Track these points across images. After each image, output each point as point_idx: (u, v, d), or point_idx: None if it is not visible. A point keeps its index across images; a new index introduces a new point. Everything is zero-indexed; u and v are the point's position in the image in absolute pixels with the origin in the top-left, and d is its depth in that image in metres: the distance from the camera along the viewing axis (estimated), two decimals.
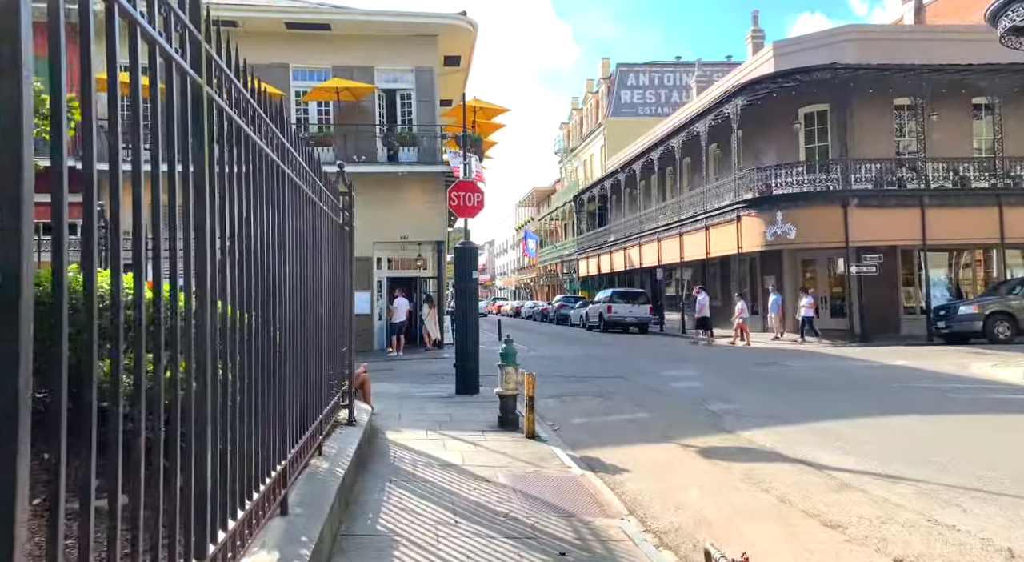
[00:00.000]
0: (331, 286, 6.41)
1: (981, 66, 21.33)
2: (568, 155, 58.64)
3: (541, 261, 58.53)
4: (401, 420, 9.04)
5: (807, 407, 9.68)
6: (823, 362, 15.84)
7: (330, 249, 6.50)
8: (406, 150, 21.32)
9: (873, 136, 22.69)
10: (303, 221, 5.06)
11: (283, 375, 4.23)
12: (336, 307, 6.71)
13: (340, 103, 21.10)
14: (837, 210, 21.20)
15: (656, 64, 50.32)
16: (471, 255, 11.34)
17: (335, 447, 5.95)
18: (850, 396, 10.72)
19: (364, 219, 21.25)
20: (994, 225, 21.28)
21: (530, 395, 8.06)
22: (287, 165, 4.18)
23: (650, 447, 7.81)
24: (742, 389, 11.60)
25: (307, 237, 5.26)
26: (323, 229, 6.03)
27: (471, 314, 11.34)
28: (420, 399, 10.99)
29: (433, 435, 8.05)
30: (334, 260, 6.62)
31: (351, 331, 7.28)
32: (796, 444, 7.50)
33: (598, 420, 9.47)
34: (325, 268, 6.10)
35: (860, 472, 6.33)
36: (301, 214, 4.95)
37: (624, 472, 6.82)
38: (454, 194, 11.37)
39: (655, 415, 9.56)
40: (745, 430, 8.32)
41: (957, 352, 17.26)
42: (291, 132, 4.28)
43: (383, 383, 13.37)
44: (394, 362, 18.26)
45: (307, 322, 5.11)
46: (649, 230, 31.74)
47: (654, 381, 12.96)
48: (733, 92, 23.32)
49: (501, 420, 8.56)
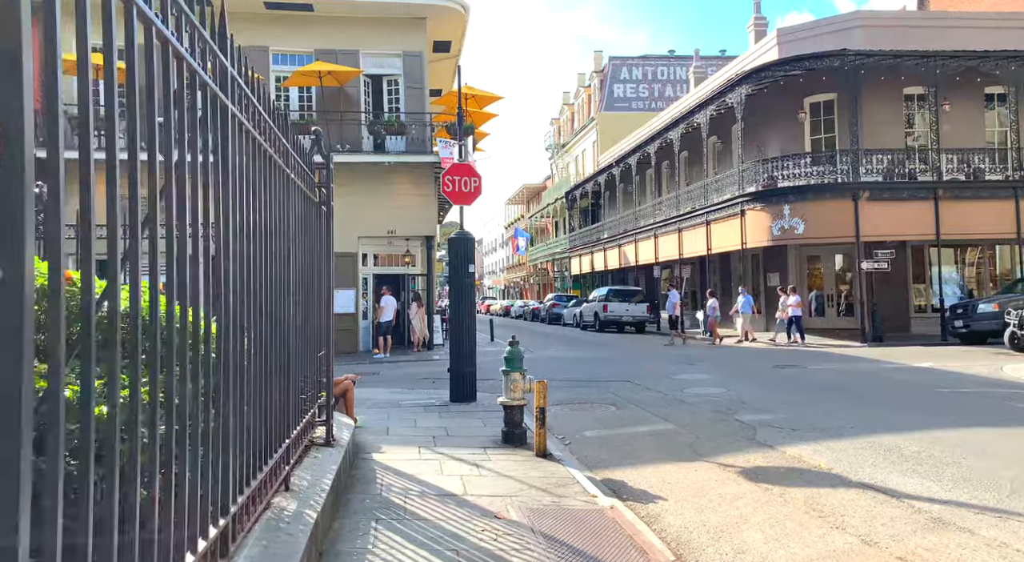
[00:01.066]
0: (304, 278, 5.22)
1: (998, 52, 20.41)
2: (559, 151, 57.51)
3: (531, 259, 57.37)
4: (389, 434, 7.84)
5: (851, 417, 8.57)
6: (843, 364, 14.78)
7: (303, 232, 5.31)
8: (393, 139, 20.08)
9: (882, 127, 21.72)
10: (264, 188, 3.88)
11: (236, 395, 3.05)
12: (311, 304, 5.52)
13: (323, 89, 19.83)
14: (847, 203, 20.19)
15: (650, 58, 49.25)
16: (467, 246, 10.15)
17: (307, 477, 4.75)
18: (893, 404, 9.62)
19: (349, 212, 20.02)
20: (1010, 220, 20.36)
21: (541, 406, 6.88)
22: (231, 99, 2.97)
23: (682, 467, 6.66)
24: (769, 395, 10.48)
25: (270, 211, 4.08)
26: (293, 205, 4.84)
27: (467, 313, 10.15)
28: (410, 408, 9.79)
29: (427, 454, 6.85)
30: (308, 246, 5.43)
31: (330, 332, 6.08)
32: (855, 464, 6.38)
33: (614, 432, 8.32)
34: (296, 255, 4.91)
35: (950, 503, 5.21)
36: (260, 178, 3.77)
37: (659, 500, 5.67)
38: (448, 179, 10.17)
39: (679, 426, 8.42)
40: (788, 445, 7.19)
41: (981, 353, 16.28)
42: (235, 48, 3.07)
43: (369, 389, 12.16)
44: (381, 365, 17.03)
45: (270, 324, 3.93)
46: (646, 226, 30.67)
47: (667, 385, 11.82)
48: (737, 80, 22.25)
49: (506, 435, 7.38)
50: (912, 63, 20.50)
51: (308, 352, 5.40)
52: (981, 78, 21.13)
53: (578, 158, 51.80)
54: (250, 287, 3.42)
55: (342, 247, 19.78)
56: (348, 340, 19.65)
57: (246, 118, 3.25)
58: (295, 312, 4.84)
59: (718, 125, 25.33)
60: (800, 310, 20.96)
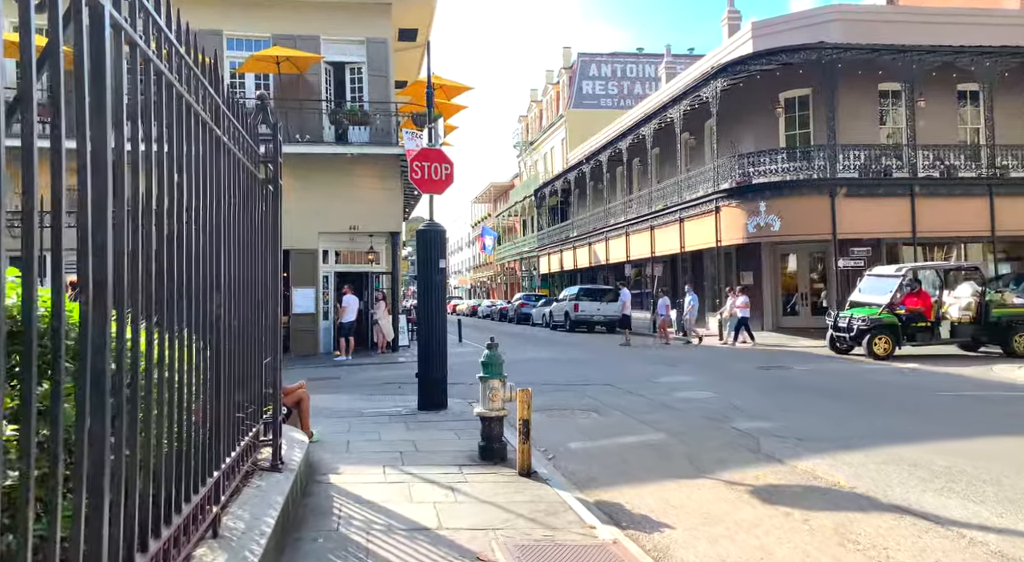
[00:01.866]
0: (244, 270, 4.29)
1: (972, 48, 20.21)
2: (527, 149, 56.74)
3: (499, 258, 56.52)
4: (349, 451, 6.91)
5: (858, 424, 7.89)
6: (826, 365, 14.24)
7: (243, 215, 4.38)
8: (356, 129, 19.04)
9: (857, 123, 21.37)
10: (185, 153, 2.97)
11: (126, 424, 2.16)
12: (253, 301, 4.59)
13: (281, 76, 18.69)
14: (824, 200, 19.77)
15: (619, 55, 48.77)
16: (437, 239, 9.24)
17: (245, 516, 3.82)
18: (897, 410, 8.99)
19: (309, 206, 18.91)
20: (984, 217, 20.16)
21: (524, 418, 6.02)
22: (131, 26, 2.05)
23: (684, 485, 5.87)
24: (761, 399, 9.79)
25: (194, 184, 3.17)
26: (229, 180, 3.92)
27: (437, 312, 9.25)
28: (374, 418, 8.85)
29: (394, 475, 5.95)
30: (250, 232, 4.50)
31: (277, 334, 5.14)
32: (880, 481, 5.66)
33: (602, 444, 7.51)
34: (233, 242, 3.99)
35: (1007, 531, 4.49)
36: (179, 139, 2.86)
37: (665, 529, 4.86)
38: (417, 165, 9.25)
39: (671, 436, 7.64)
40: (799, 459, 6.45)
41: (962, 352, 15.90)
42: None
43: (328, 395, 11.18)
44: (342, 368, 16.01)
45: (192, 326, 3.04)
46: (616, 224, 30.05)
47: (651, 389, 11.07)
48: (713, 73, 21.71)
49: (484, 450, 6.50)
50: (889, 57, 20.18)
51: (249, 359, 4.47)
52: (956, 74, 20.92)
53: (546, 156, 51.11)
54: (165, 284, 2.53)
55: (301, 243, 18.70)
56: (308, 342, 18.58)
57: (141, 38, 2.32)
58: (231, 311, 3.91)
59: (691, 121, 24.80)
60: (747, 310, 20.55)
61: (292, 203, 18.88)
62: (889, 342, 15.17)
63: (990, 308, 15.48)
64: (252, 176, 4.63)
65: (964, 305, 16.05)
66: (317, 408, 9.41)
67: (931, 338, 15.57)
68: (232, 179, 4.01)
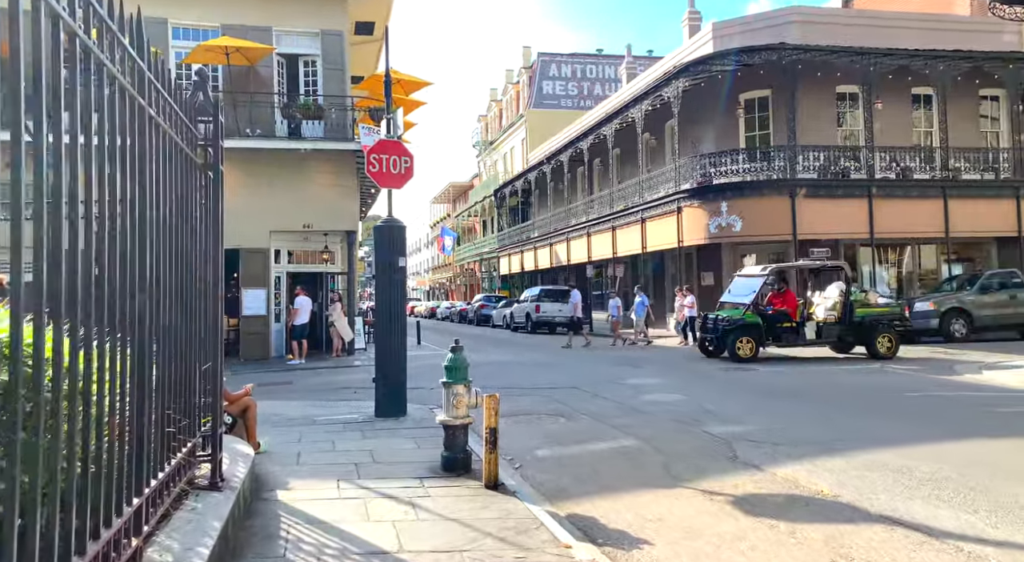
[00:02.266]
0: (179, 267, 3.80)
1: (927, 51, 20.53)
2: (487, 149, 56.30)
3: (458, 259, 55.95)
4: (300, 463, 6.39)
5: (832, 428, 7.67)
6: (791, 366, 14.15)
7: (180, 203, 3.88)
8: (310, 124, 18.37)
9: (816, 124, 21.52)
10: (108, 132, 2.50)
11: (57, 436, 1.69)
12: (191, 302, 4.08)
13: (231, 68, 17.91)
14: (785, 201, 19.83)
15: (578, 55, 48.70)
16: (397, 236, 8.76)
17: (175, 546, 3.33)
18: (870, 411, 8.83)
19: (260, 204, 18.16)
20: (939, 219, 20.48)
21: (492, 426, 5.61)
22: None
23: (661, 496, 5.53)
24: (731, 402, 9.54)
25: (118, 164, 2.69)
26: (160, 161, 3.43)
27: (397, 314, 8.77)
28: (328, 426, 8.33)
29: (349, 490, 5.46)
30: (186, 223, 4.00)
31: (218, 337, 4.63)
32: (864, 489, 5.40)
33: (571, 451, 7.13)
34: (165, 234, 3.50)
35: (1007, 544, 4.24)
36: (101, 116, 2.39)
37: (644, 546, 4.49)
38: (375, 157, 8.74)
39: (643, 442, 7.30)
40: (778, 465, 6.17)
41: (923, 351, 16.01)
42: None
43: (279, 401, 10.61)
44: (295, 372, 15.37)
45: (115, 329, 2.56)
46: (578, 225, 29.85)
47: (618, 392, 10.75)
48: (675, 73, 21.63)
49: (447, 461, 6.06)
50: (847, 59, 20.36)
51: (183, 366, 3.96)
52: (911, 77, 21.22)
53: (506, 156, 50.75)
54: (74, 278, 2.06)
55: (252, 242, 17.95)
56: (259, 345, 17.85)
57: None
58: (160, 313, 3.42)
59: (652, 121, 24.72)
60: (695, 310, 20.56)
61: (242, 200, 18.15)
62: (752, 343, 14.85)
63: (854, 308, 15.09)
64: (188, 161, 4.12)
65: (830, 305, 15.72)
66: (266, 416, 8.85)
67: (796, 339, 15.23)
68: (163, 162, 3.51)
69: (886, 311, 15.57)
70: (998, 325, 17.46)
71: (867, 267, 21.93)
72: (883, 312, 15.49)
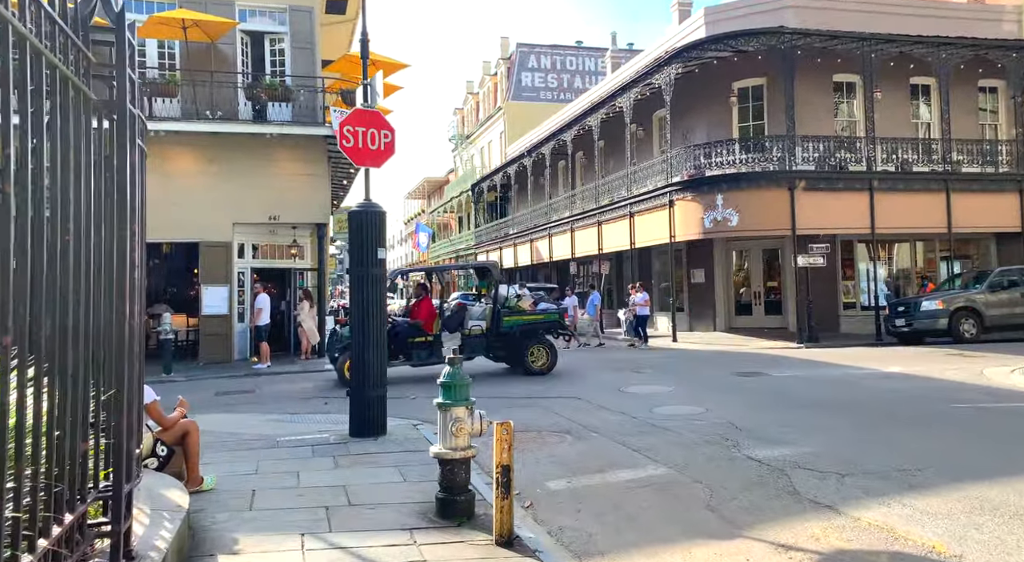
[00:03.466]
0: (55, 254, 2.43)
1: (931, 38, 19.63)
2: (463, 142, 54.79)
3: (433, 256, 54.39)
4: (256, 506, 5.02)
5: (900, 451, 6.47)
6: (805, 370, 13.02)
7: (60, 156, 2.53)
8: (277, 106, 16.85)
9: (812, 114, 20.50)
10: None
11: None
12: (79, 304, 2.73)
13: (189, 44, 16.31)
14: (783, 194, 18.77)
15: (559, 47, 47.43)
16: (375, 222, 7.40)
17: None
18: (925, 426, 7.68)
19: (222, 193, 16.53)
20: (941, 213, 19.60)
21: (504, 464, 4.31)
22: None
23: (718, 551, 4.28)
24: (759, 415, 8.34)
25: None
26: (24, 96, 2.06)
27: (376, 315, 7.42)
28: (293, 449, 6.96)
29: (317, 551, 4.12)
30: (69, 189, 2.65)
31: (131, 351, 3.25)
32: (991, 543, 4.19)
33: (590, 482, 5.86)
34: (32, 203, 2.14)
35: None
36: None
37: None
38: (349, 130, 7.37)
39: (676, 471, 6.05)
40: (858, 506, 4.94)
41: (935, 354, 15.05)
42: None
43: (238, 414, 9.22)
44: (260, 378, 13.90)
45: None
46: (560, 220, 28.62)
47: (625, 402, 9.50)
48: (666, 58, 20.45)
49: (444, 504, 4.74)
50: (848, 45, 19.39)
51: (71, 397, 2.60)
52: (914, 64, 20.33)
53: (483, 149, 49.34)
54: None
55: (213, 235, 16.42)
56: (221, 347, 16.32)
57: None
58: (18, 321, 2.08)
59: (639, 112, 23.55)
60: (647, 309, 19.47)
61: (203, 190, 16.61)
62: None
63: (502, 317, 12.78)
64: (76, 96, 2.75)
65: (478, 314, 13.55)
66: (220, 435, 7.45)
67: (430, 356, 12.45)
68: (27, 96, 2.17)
69: (540, 319, 13.21)
70: (1008, 325, 16.59)
71: (864, 265, 21.03)
72: (535, 320, 13.13)
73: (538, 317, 13.39)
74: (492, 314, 12.99)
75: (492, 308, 13.04)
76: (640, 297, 19.37)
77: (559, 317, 13.90)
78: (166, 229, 16.13)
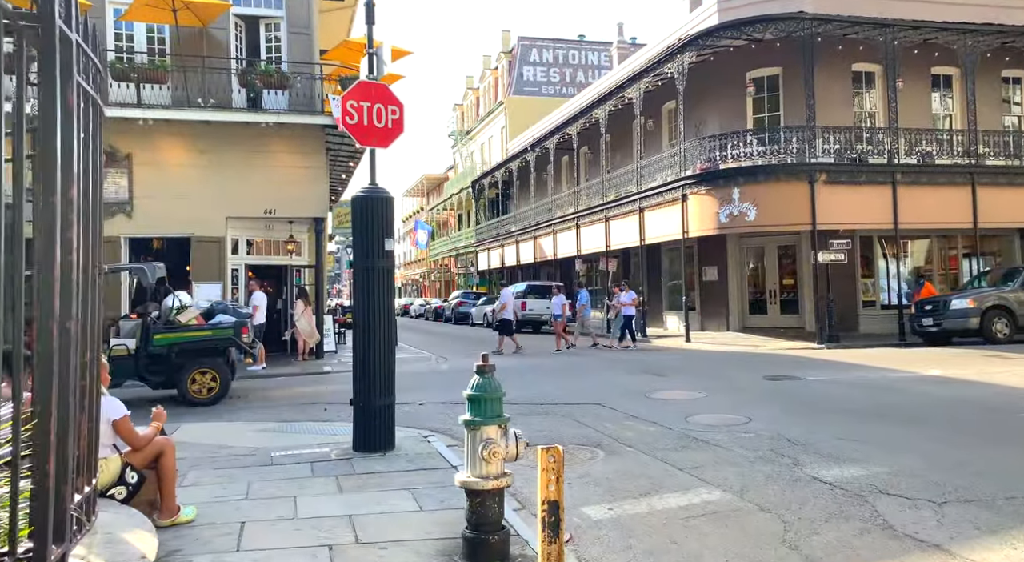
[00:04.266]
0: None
1: (956, 24, 18.82)
2: (463, 138, 53.88)
3: (432, 255, 53.54)
4: (243, 545, 4.15)
5: (1001, 472, 5.62)
6: (839, 373, 12.18)
7: None
8: (273, 94, 16.00)
9: (829, 105, 19.65)
10: None
11: None
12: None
13: (179, 28, 15.43)
14: (803, 187, 17.94)
15: (562, 40, 46.55)
16: (382, 210, 6.54)
17: None
18: (1010, 442, 6.84)
19: (215, 186, 15.53)
20: (967, 208, 18.78)
21: (553, 500, 3.45)
22: None
23: None
24: (807, 425, 7.49)
25: None
26: None
27: (383, 314, 6.56)
28: (289, 467, 6.10)
29: None
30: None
31: (70, 361, 2.39)
32: None
33: (636, 509, 5.01)
34: None
35: None
36: None
37: None
38: (353, 105, 6.51)
39: (735, 496, 5.20)
40: (972, 546, 4.09)
41: (971, 355, 14.24)
42: None
43: (229, 423, 8.38)
44: (255, 380, 13.04)
45: None
46: (565, 216, 27.79)
47: (655, 410, 8.65)
48: (679, 46, 19.62)
49: (472, 545, 3.89)
50: (869, 32, 18.57)
51: None
52: (938, 53, 19.51)
53: (484, 145, 48.45)
54: None
55: (205, 230, 15.55)
56: None
57: None
58: None
59: (648, 104, 22.71)
60: (633, 309, 18.55)
61: (194, 181, 15.72)
62: None
63: (152, 335, 10.25)
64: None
65: (128, 330, 11.08)
66: (206, 449, 6.60)
67: None
68: None
69: (204, 336, 10.58)
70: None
71: (885, 261, 20.22)
72: (198, 338, 10.55)
73: (203, 334, 10.66)
74: (142, 331, 10.44)
75: (145, 324, 10.48)
76: (627, 296, 18.36)
77: (234, 332, 10.74)
78: (156, 223, 15.32)
